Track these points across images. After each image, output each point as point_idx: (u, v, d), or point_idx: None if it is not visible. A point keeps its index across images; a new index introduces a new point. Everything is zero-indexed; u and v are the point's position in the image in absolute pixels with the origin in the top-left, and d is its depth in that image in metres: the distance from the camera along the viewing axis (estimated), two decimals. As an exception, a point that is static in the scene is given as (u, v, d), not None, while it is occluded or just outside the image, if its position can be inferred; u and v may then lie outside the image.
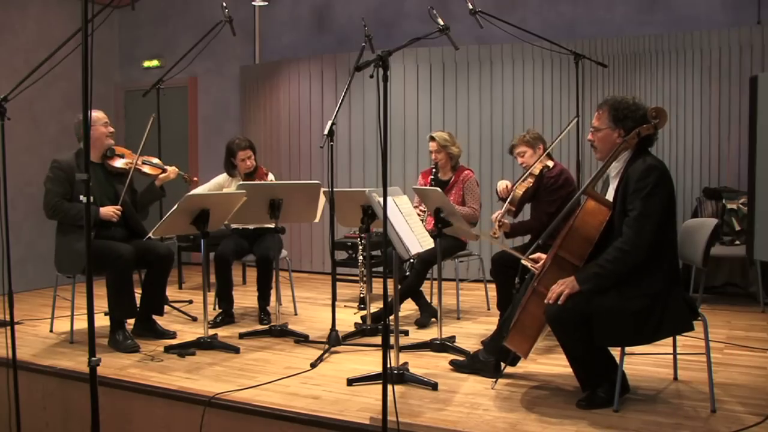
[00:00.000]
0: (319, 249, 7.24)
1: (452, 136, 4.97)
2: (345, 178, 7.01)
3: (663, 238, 2.92)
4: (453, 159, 4.95)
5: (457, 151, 4.94)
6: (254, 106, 7.61)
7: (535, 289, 3.10)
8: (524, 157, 4.29)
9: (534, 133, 4.37)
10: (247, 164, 5.00)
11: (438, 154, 4.91)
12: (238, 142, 5.04)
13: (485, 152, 6.54)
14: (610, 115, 3.06)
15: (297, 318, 5.12)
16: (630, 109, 3.04)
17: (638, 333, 2.90)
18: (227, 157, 5.07)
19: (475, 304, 5.50)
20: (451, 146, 4.90)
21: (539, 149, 4.30)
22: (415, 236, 3.53)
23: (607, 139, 3.07)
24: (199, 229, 4.09)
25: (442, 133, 4.95)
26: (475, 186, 4.93)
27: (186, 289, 6.34)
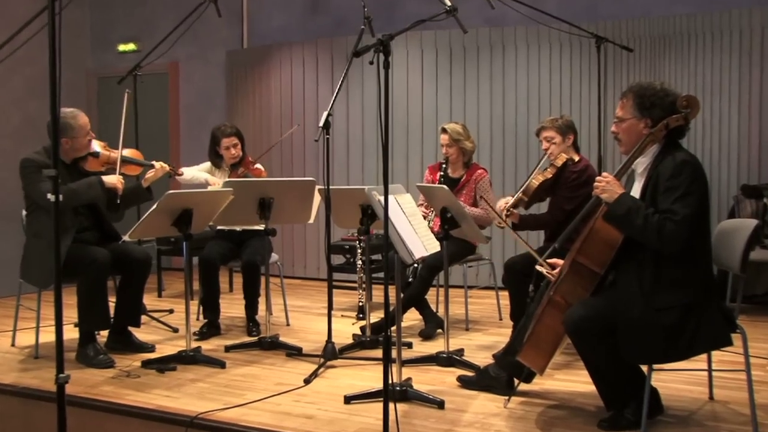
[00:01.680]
0: (313, 253, 7.23)
1: (466, 130, 4.95)
2: (342, 174, 6.99)
3: (696, 242, 2.89)
4: (466, 155, 4.93)
5: (470, 147, 4.92)
6: (242, 95, 7.60)
7: (551, 299, 3.08)
8: (551, 143, 4.27)
9: (568, 119, 4.33)
10: (231, 153, 5.01)
11: (450, 148, 4.89)
12: (223, 128, 5.07)
13: (496, 147, 6.53)
14: (635, 103, 3.03)
15: (289, 329, 5.11)
16: (658, 96, 3.01)
17: (670, 349, 2.86)
18: (211, 146, 5.10)
19: (486, 314, 5.48)
20: (464, 140, 4.88)
21: (569, 139, 4.28)
22: (420, 239, 3.52)
23: (632, 130, 3.05)
24: (181, 230, 4.07)
25: (455, 125, 4.93)
26: (488, 187, 4.92)
27: (166, 298, 6.33)
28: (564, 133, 4.26)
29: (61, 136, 4.13)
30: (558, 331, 3.06)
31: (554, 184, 4.22)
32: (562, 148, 4.25)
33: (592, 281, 3.02)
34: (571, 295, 3.04)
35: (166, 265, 7.18)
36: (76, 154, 4.27)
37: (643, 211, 2.88)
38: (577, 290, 3.04)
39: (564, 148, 4.25)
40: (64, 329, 2.68)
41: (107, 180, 4.21)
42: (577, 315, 2.95)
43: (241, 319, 5.36)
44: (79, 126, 4.21)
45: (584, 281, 3.02)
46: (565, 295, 3.03)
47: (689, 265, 2.90)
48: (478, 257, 5.16)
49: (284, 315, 5.33)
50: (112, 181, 4.22)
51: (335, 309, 5.57)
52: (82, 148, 4.26)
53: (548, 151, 4.27)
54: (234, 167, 5.04)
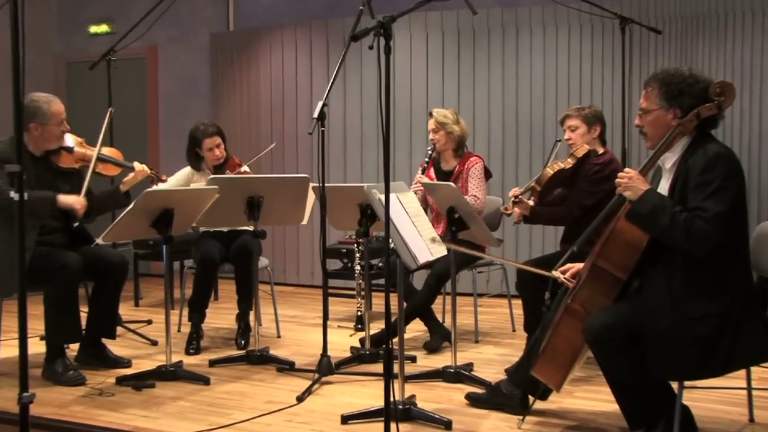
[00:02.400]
0: (307, 257, 7.22)
1: (456, 114, 4.94)
2: (339, 171, 6.99)
3: (732, 244, 2.87)
4: (454, 141, 4.90)
5: (459, 132, 4.88)
6: (228, 83, 7.59)
7: (568, 307, 3.08)
8: (575, 133, 4.27)
9: (597, 109, 4.34)
10: (215, 154, 4.99)
11: (435, 133, 4.89)
12: (203, 128, 5.02)
13: (509, 140, 6.51)
14: (661, 91, 3.01)
15: (280, 341, 5.10)
16: (686, 82, 2.98)
17: (704, 365, 2.84)
18: (190, 147, 5.06)
19: (497, 325, 5.47)
20: (452, 124, 4.86)
21: (595, 130, 4.28)
22: (424, 241, 3.50)
23: (659, 122, 3.02)
24: (161, 232, 4.06)
25: (442, 110, 4.95)
26: (480, 172, 4.88)
27: (144, 307, 6.31)
28: (590, 123, 4.26)
29: (30, 121, 4.11)
30: (576, 342, 3.05)
31: (573, 177, 4.20)
32: (586, 139, 4.24)
33: (614, 288, 3.01)
34: (590, 302, 3.03)
35: (144, 270, 7.17)
36: (47, 144, 4.24)
37: (670, 210, 2.85)
38: (598, 297, 3.03)
39: (588, 139, 4.25)
40: (29, 342, 2.67)
41: (63, 200, 4.11)
42: (599, 323, 2.93)
43: (227, 330, 5.34)
44: (52, 112, 4.17)
45: (605, 287, 3.01)
46: (585, 302, 3.02)
47: (725, 269, 2.87)
48: (489, 262, 5.14)
49: (275, 326, 5.31)
50: (69, 202, 4.12)
51: (331, 319, 5.56)
52: (53, 138, 4.22)
53: (570, 141, 4.26)
54: (217, 170, 5.02)
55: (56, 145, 4.27)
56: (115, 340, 4.56)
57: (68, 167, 4.31)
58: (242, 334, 4.95)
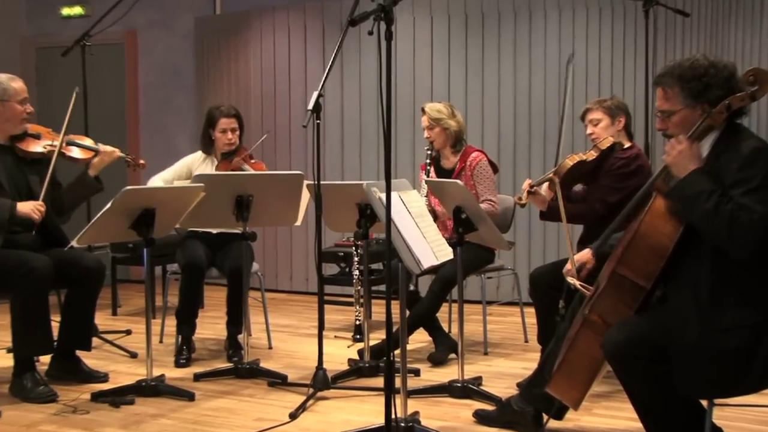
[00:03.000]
0: (301, 262, 7.23)
1: (451, 108, 4.95)
2: (336, 167, 6.99)
3: None
4: (451, 137, 4.91)
5: (455, 126, 4.89)
6: (214, 72, 7.60)
7: (586, 318, 3.06)
8: (597, 127, 4.25)
9: (619, 100, 4.33)
10: (228, 137, 5.02)
11: (430, 130, 4.90)
12: (223, 108, 5.10)
13: (521, 135, 6.52)
14: (683, 90, 2.93)
15: (272, 353, 5.11)
16: (709, 73, 2.92)
17: (737, 380, 2.81)
18: (205, 128, 5.11)
19: (509, 335, 5.48)
20: (447, 119, 4.87)
21: (619, 122, 4.26)
22: (429, 244, 3.51)
23: (685, 123, 2.96)
24: (142, 234, 4.06)
25: (435, 104, 4.96)
26: (487, 170, 4.89)
27: (123, 315, 6.32)
28: (613, 115, 4.25)
29: None
30: (595, 356, 3.03)
31: (595, 171, 4.19)
32: (610, 132, 4.23)
33: (636, 297, 3.00)
34: (610, 313, 3.02)
35: (123, 276, 7.17)
36: (10, 126, 4.27)
37: (717, 196, 2.77)
38: (618, 307, 3.01)
39: (612, 132, 4.24)
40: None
41: (21, 208, 4.12)
42: (620, 337, 2.92)
43: (214, 341, 5.35)
44: (14, 88, 4.25)
45: (626, 296, 2.99)
46: (604, 313, 3.01)
47: (758, 274, 2.86)
48: (499, 266, 5.14)
49: (266, 336, 5.32)
50: (26, 210, 4.12)
51: (327, 329, 5.55)
52: (15, 118, 4.27)
53: (592, 136, 4.26)
54: (226, 156, 5.04)
55: (20, 129, 4.30)
56: (90, 352, 4.57)
57: (35, 153, 4.33)
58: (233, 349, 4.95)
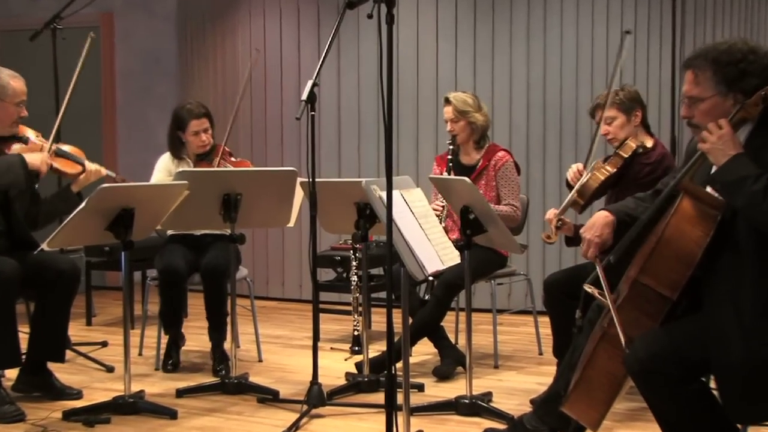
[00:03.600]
0: (294, 266, 7.23)
1: (477, 99, 4.97)
2: (332, 163, 7.00)
3: None
4: (477, 132, 4.94)
5: (482, 121, 4.92)
6: (199, 58, 7.61)
7: (605, 332, 3.04)
8: (611, 125, 4.21)
9: (631, 90, 4.27)
10: (202, 139, 5.02)
11: (454, 123, 4.91)
12: (190, 107, 5.08)
13: (535, 128, 6.53)
14: (716, 75, 2.90)
15: (262, 366, 5.11)
16: (747, 60, 2.89)
17: None
18: (172, 130, 5.09)
19: (521, 347, 5.49)
20: (473, 112, 4.89)
21: (636, 117, 4.23)
22: (434, 247, 3.51)
23: (715, 111, 2.93)
24: (119, 237, 4.07)
25: (461, 94, 4.95)
26: (513, 173, 4.92)
27: (98, 326, 6.32)
28: (628, 109, 4.21)
29: None
30: (616, 373, 3.01)
31: (619, 180, 4.16)
32: (627, 130, 4.20)
33: (660, 308, 2.97)
34: (632, 326, 2.99)
35: (98, 282, 7.17)
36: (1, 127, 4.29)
37: (766, 179, 2.72)
38: (641, 320, 2.99)
39: (630, 130, 4.21)
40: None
41: (30, 159, 4.20)
42: (645, 352, 2.89)
43: (198, 353, 5.35)
44: (13, 89, 4.26)
45: (650, 308, 2.97)
46: (625, 325, 3.00)
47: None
48: (511, 271, 5.14)
49: (255, 348, 5.33)
50: (36, 162, 4.20)
51: (323, 340, 5.57)
52: (6, 121, 4.28)
53: (608, 136, 4.24)
54: (202, 158, 5.04)
55: (9, 131, 4.31)
56: (62, 366, 4.57)
57: None
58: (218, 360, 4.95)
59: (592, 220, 3.38)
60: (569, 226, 4.11)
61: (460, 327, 5.45)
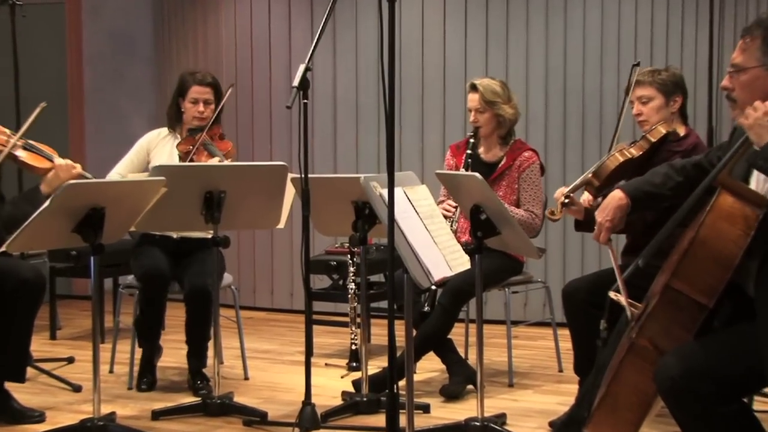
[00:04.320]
0: (284, 273, 7.24)
1: (507, 89, 4.96)
2: (327, 157, 7.02)
3: None
4: (503, 126, 4.94)
5: (511, 114, 4.92)
6: (177, 39, 7.62)
7: (633, 344, 3.05)
8: (646, 106, 4.21)
9: (676, 73, 4.27)
10: (199, 109, 5.03)
11: (480, 114, 4.90)
12: (198, 74, 5.14)
13: (554, 117, 6.53)
14: (764, 44, 2.94)
15: (248, 384, 5.13)
16: None
17: None
18: (174, 96, 5.14)
19: (538, 362, 5.50)
20: (502, 104, 4.89)
21: (675, 102, 4.23)
22: (441, 251, 3.52)
23: (754, 84, 2.95)
24: (88, 240, 4.06)
25: (490, 82, 4.93)
26: (538, 177, 4.93)
27: (64, 339, 6.32)
28: (669, 92, 4.21)
29: None
30: (645, 391, 3.01)
31: (644, 167, 4.17)
32: (662, 114, 4.20)
33: (695, 317, 2.98)
34: (663, 337, 3.00)
35: (64, 291, 7.16)
36: None
37: None
38: (673, 330, 3.00)
39: (665, 115, 4.21)
40: None
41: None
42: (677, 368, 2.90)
43: (177, 369, 5.35)
44: None
45: (684, 317, 2.98)
46: (655, 337, 2.99)
47: None
48: (527, 278, 5.15)
49: (241, 364, 5.33)
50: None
51: (316, 355, 5.55)
52: None
53: (640, 117, 4.25)
54: (192, 133, 5.06)
55: None
56: (23, 385, 4.56)
57: None
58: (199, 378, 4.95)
59: (605, 201, 3.38)
60: (579, 208, 4.14)
61: (470, 340, 5.45)
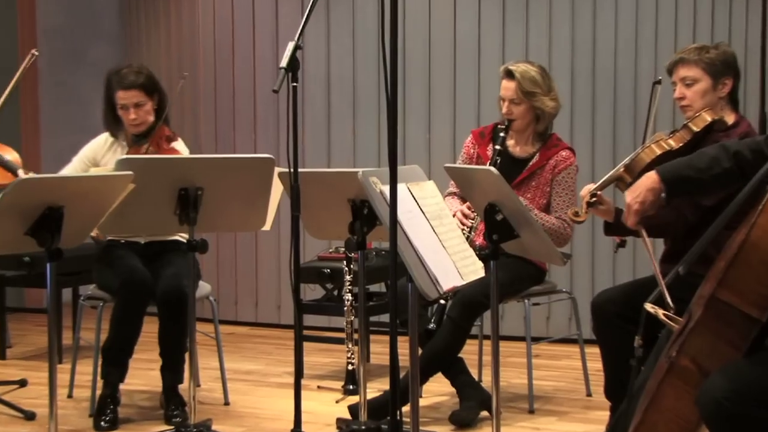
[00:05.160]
0: (271, 282, 7.26)
1: (548, 77, 4.95)
2: (320, 149, 7.04)
3: None
4: (542, 121, 4.94)
5: (551, 107, 4.90)
6: (147, 13, 7.63)
7: (673, 363, 3.05)
8: (690, 89, 4.19)
9: (727, 51, 4.23)
10: (131, 117, 5.02)
11: (516, 106, 4.89)
12: (123, 72, 5.08)
13: (581, 100, 6.55)
14: None
15: (229, 410, 5.13)
16: None
17: None
18: (106, 99, 5.13)
19: (563, 386, 5.51)
20: (542, 95, 4.88)
21: (724, 86, 4.20)
22: (451, 257, 3.52)
23: None
24: (44, 244, 4.05)
25: (528, 68, 4.92)
26: (574, 181, 4.93)
27: (15, 359, 6.34)
28: (717, 74, 4.18)
29: None
30: (688, 418, 3.01)
31: None
32: (708, 99, 4.19)
33: (744, 333, 2.98)
34: (708, 355, 3.01)
35: (15, 303, 7.19)
36: None
37: None
38: (720, 348, 3.00)
39: (713, 100, 4.20)
40: None
41: None
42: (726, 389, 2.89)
43: (146, 393, 5.36)
44: None
45: (732, 332, 2.98)
46: (699, 355, 3.00)
47: None
48: (550, 288, 5.15)
49: (221, 386, 5.33)
50: None
51: (307, 376, 5.57)
52: None
53: (682, 102, 4.25)
54: (138, 140, 5.05)
55: None
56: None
57: None
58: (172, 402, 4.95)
59: (638, 182, 3.40)
60: (608, 208, 4.13)
61: (484, 359, 5.45)
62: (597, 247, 6.48)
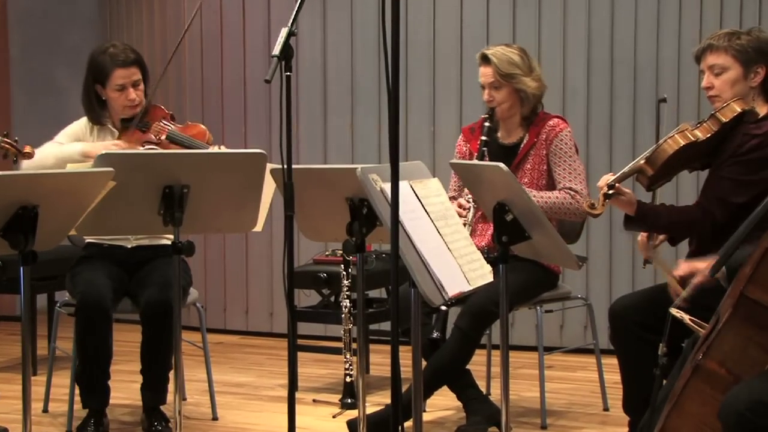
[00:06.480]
0: (263, 288, 7.26)
1: (527, 57, 4.97)
2: (316, 144, 7.05)
3: None
4: (526, 103, 4.94)
5: (534, 87, 4.91)
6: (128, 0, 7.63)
7: (699, 366, 3.06)
8: (719, 78, 4.20)
9: (761, 37, 4.22)
10: (130, 97, 5.00)
11: (495, 91, 4.91)
12: (114, 51, 5.04)
13: (598, 91, 6.56)
14: None
15: (217, 426, 5.14)
16: None
17: None
18: (88, 84, 5.09)
19: (579, 399, 5.53)
20: (522, 76, 4.89)
21: (756, 75, 4.20)
22: (457, 261, 3.52)
23: None
24: (17, 246, 4.05)
25: (505, 50, 4.95)
26: (570, 145, 4.93)
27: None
28: (749, 62, 4.18)
29: None
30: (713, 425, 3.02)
31: (714, 154, 4.18)
32: (738, 89, 4.19)
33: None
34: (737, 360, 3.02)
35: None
36: None
37: None
38: (750, 351, 3.01)
39: (743, 90, 4.20)
40: None
41: None
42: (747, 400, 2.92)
43: (128, 408, 5.36)
44: None
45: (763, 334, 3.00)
46: (728, 359, 3.00)
47: None
48: (564, 294, 5.16)
49: (208, 400, 5.33)
50: None
51: (302, 389, 5.58)
52: None
53: (710, 92, 4.24)
54: (127, 124, 5.04)
55: None
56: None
57: None
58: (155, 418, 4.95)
59: None
60: (629, 199, 4.14)
61: (493, 371, 5.46)
62: (614, 250, 6.48)
